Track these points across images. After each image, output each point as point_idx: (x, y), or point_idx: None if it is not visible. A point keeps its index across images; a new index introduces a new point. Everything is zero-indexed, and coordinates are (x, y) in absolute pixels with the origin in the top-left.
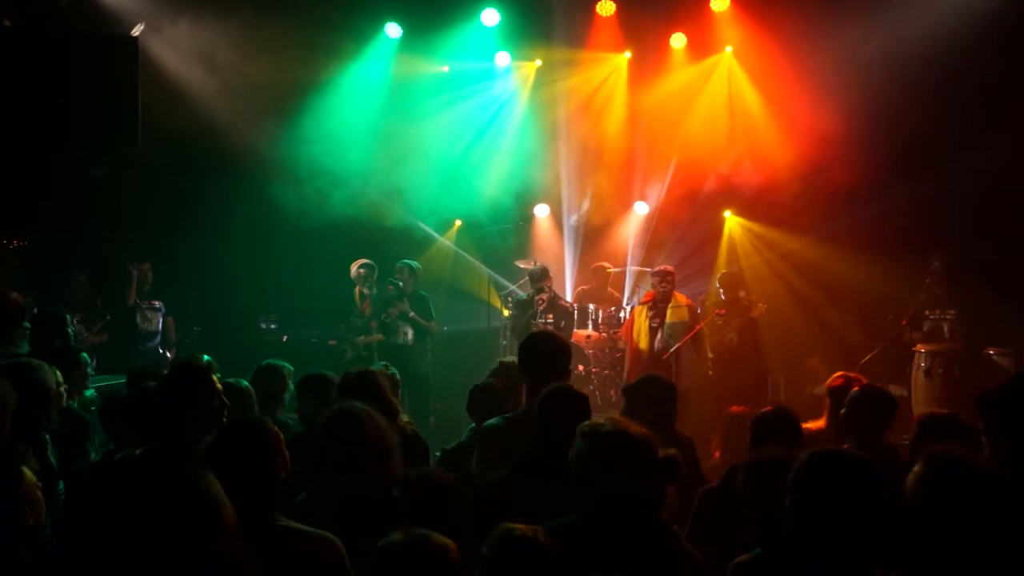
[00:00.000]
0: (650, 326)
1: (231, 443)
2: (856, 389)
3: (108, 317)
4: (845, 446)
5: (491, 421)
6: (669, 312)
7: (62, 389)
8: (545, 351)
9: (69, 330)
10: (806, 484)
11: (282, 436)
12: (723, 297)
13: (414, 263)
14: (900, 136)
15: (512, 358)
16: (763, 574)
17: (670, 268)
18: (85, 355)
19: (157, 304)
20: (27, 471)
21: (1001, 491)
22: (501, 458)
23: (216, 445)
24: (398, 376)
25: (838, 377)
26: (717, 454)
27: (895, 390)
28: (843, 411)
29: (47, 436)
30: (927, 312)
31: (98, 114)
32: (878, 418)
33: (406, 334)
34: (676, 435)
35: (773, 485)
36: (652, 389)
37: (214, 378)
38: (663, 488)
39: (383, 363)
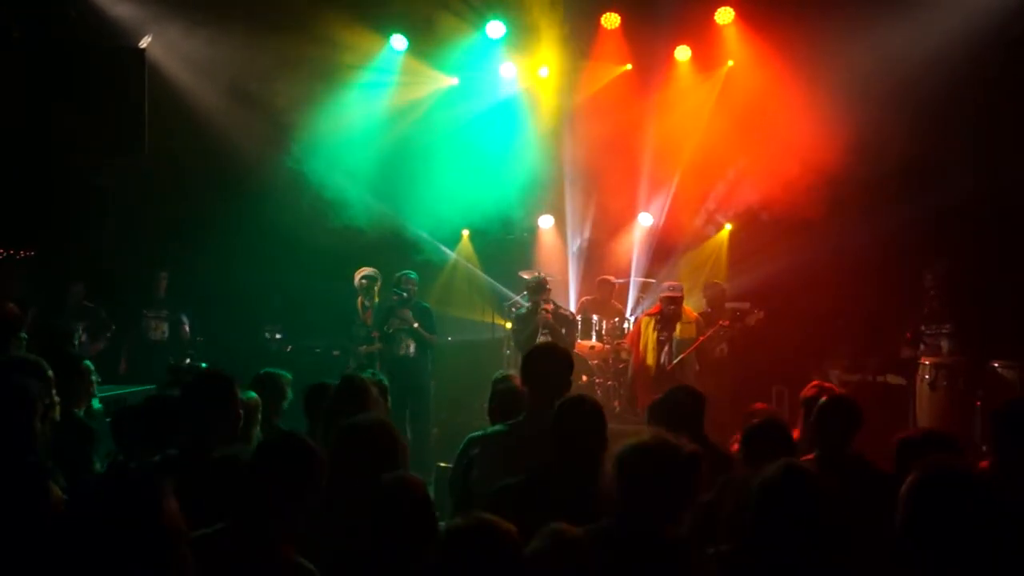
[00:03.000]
0: (658, 339)
1: (277, 463)
2: (824, 398)
3: (114, 327)
4: (811, 455)
5: (492, 428)
6: (679, 328)
7: (55, 399)
8: (545, 364)
9: (75, 343)
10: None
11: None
12: (708, 309)
13: (414, 274)
14: (904, 149)
15: (502, 372)
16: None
17: (679, 293)
18: (88, 363)
19: (164, 314)
20: (55, 487)
21: (994, 502)
22: (503, 465)
23: (262, 463)
24: (385, 383)
25: (812, 387)
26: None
27: (893, 379)
28: (811, 420)
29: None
30: (924, 327)
31: (105, 125)
32: (844, 427)
33: (408, 346)
34: (707, 443)
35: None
36: (677, 402)
37: (236, 388)
38: (690, 495)
39: (372, 371)
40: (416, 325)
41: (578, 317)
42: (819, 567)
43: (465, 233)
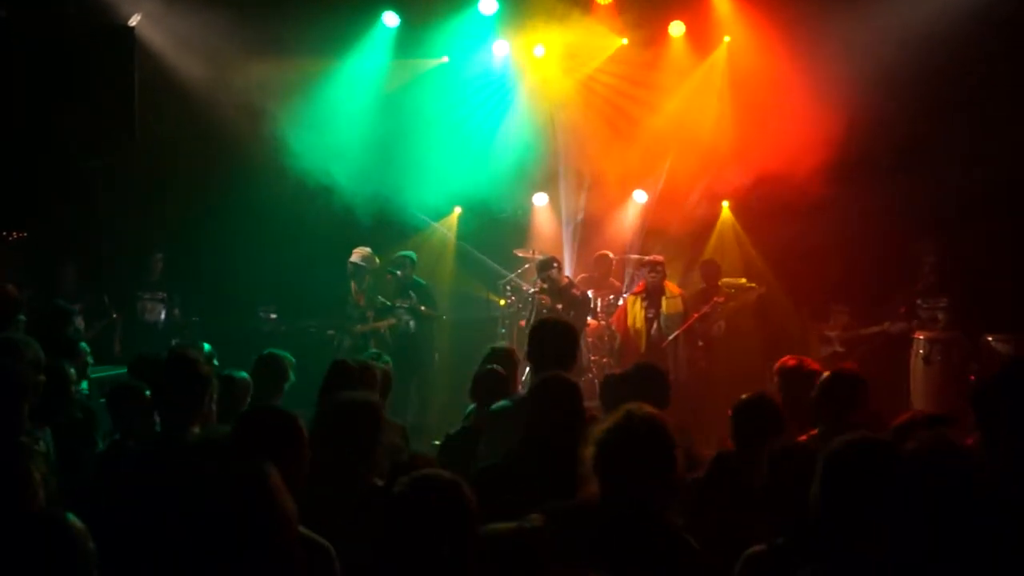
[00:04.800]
0: (646, 316)
1: (258, 435)
2: (828, 373)
3: (115, 315)
4: (814, 431)
5: (499, 404)
6: (664, 303)
7: (72, 387)
8: (547, 338)
9: (73, 328)
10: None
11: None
12: (703, 285)
13: (412, 254)
14: (902, 125)
15: (503, 343)
16: (779, 564)
17: (660, 258)
18: (84, 345)
19: (160, 295)
20: (35, 471)
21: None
22: (507, 440)
23: (242, 435)
24: (390, 364)
25: (789, 359)
26: None
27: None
28: (814, 395)
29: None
30: (920, 301)
31: (95, 105)
32: (847, 401)
33: (408, 323)
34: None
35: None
36: (642, 377)
37: (204, 369)
38: (674, 479)
39: (375, 352)
40: (423, 308)
41: (589, 294)
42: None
43: (456, 211)
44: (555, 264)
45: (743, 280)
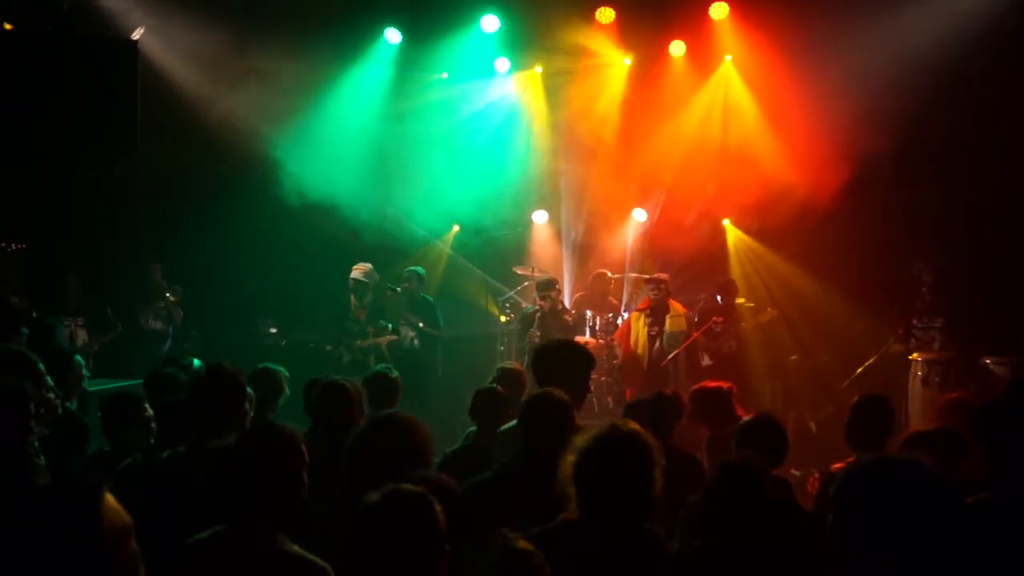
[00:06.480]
0: (649, 334)
1: (259, 452)
2: (856, 399)
3: (119, 328)
4: (851, 459)
5: (507, 425)
6: (668, 321)
7: (51, 395)
8: (554, 361)
9: (61, 338)
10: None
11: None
12: (720, 303)
13: (421, 269)
14: (898, 143)
15: (510, 363)
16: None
17: (664, 276)
18: (79, 358)
19: (161, 304)
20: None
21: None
22: None
23: (243, 451)
24: (397, 376)
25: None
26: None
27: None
28: (846, 420)
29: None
30: (916, 322)
31: (97, 117)
32: (882, 426)
33: (412, 340)
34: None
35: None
36: (655, 406)
37: (242, 382)
38: (653, 493)
39: (385, 366)
40: (421, 324)
41: (587, 314)
42: None
43: (455, 228)
44: (557, 286)
45: (746, 301)
